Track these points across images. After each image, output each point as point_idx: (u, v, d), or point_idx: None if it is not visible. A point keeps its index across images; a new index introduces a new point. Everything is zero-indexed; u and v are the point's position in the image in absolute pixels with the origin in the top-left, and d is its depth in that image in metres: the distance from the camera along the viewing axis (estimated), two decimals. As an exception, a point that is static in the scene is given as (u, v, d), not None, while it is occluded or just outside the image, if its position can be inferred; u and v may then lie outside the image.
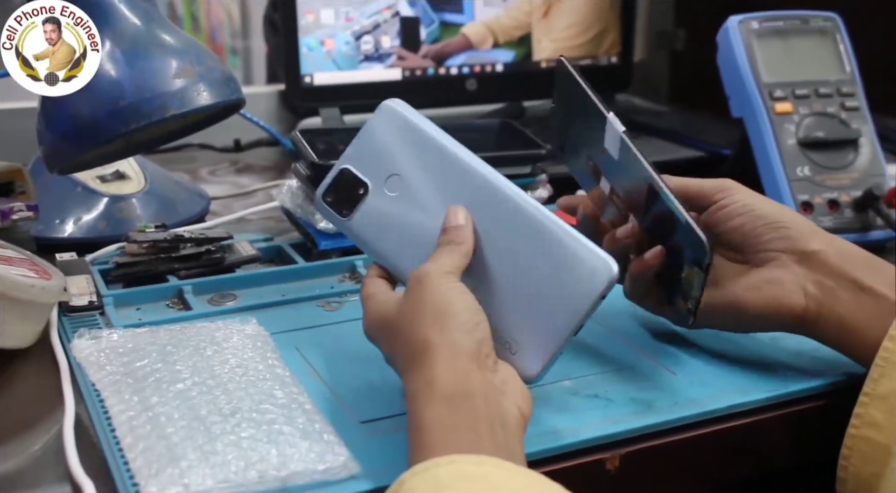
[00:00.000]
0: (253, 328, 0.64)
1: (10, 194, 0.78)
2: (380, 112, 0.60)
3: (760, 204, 0.62)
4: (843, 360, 0.62)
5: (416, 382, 0.49)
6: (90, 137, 0.64)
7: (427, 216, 0.58)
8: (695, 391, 0.60)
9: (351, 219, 0.59)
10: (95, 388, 0.57)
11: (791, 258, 0.60)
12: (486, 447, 0.46)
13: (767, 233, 0.61)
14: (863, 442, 0.56)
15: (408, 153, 0.59)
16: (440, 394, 0.48)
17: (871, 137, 0.92)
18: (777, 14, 0.95)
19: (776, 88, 0.92)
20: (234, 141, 1.17)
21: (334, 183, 0.60)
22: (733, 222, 0.62)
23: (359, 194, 0.59)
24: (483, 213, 0.57)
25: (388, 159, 0.59)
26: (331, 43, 1.15)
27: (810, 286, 0.59)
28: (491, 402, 0.48)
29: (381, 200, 0.59)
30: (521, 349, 0.54)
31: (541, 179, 0.85)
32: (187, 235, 0.76)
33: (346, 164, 0.60)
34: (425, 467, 0.45)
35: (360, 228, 0.59)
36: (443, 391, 0.48)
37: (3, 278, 0.60)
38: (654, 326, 0.68)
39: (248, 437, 0.51)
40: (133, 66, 0.64)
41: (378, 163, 0.59)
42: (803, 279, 0.60)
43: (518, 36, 1.23)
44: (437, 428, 0.47)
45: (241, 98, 0.69)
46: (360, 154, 0.60)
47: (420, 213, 0.58)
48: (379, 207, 0.59)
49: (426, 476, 0.44)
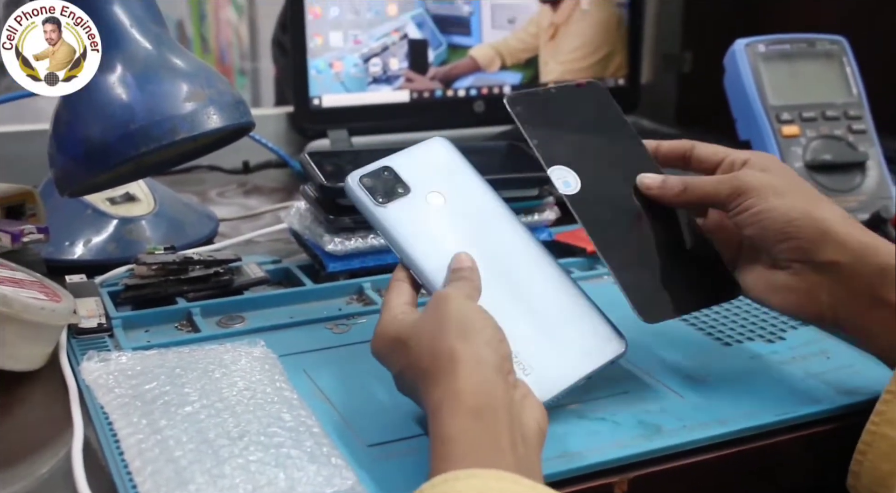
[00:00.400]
0: (261, 351, 0.64)
1: (21, 217, 0.79)
2: (432, 141, 0.64)
3: (771, 209, 0.60)
4: (854, 382, 0.62)
5: (439, 393, 0.49)
6: (101, 160, 0.65)
7: (458, 238, 0.59)
8: (703, 415, 0.60)
9: (386, 208, 0.60)
10: (104, 410, 0.57)
11: (805, 267, 0.60)
12: (508, 461, 0.46)
13: (778, 243, 0.60)
14: (881, 439, 0.56)
15: (452, 181, 0.62)
16: (466, 406, 0.48)
17: (878, 159, 0.92)
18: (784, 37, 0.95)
19: (783, 110, 0.92)
20: (243, 163, 1.17)
21: (375, 173, 0.61)
22: (747, 231, 0.61)
23: (397, 191, 0.61)
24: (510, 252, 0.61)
25: (433, 178, 0.62)
26: (339, 65, 1.15)
27: (825, 296, 0.59)
28: (513, 416, 0.48)
29: (419, 205, 0.60)
30: (533, 374, 0.56)
31: (548, 202, 0.86)
32: (196, 258, 0.77)
33: (392, 164, 0.62)
34: (445, 479, 0.45)
35: (393, 219, 0.60)
36: (468, 403, 0.48)
37: (13, 301, 0.60)
38: (661, 349, 0.68)
39: (256, 460, 0.51)
40: (144, 89, 0.65)
41: (423, 176, 0.62)
42: (817, 289, 0.59)
43: (525, 58, 1.24)
44: (461, 440, 0.47)
45: (251, 121, 0.70)
46: (407, 163, 0.62)
47: (453, 232, 0.60)
48: (415, 210, 0.60)
49: (445, 489, 0.44)
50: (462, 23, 1.20)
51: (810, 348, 0.69)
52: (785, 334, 0.71)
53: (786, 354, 0.68)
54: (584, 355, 0.58)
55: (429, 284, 0.58)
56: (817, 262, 0.59)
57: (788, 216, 0.60)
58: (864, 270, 0.58)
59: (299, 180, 1.02)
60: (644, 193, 0.64)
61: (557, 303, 0.60)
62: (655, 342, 0.68)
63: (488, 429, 0.47)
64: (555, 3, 1.24)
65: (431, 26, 1.19)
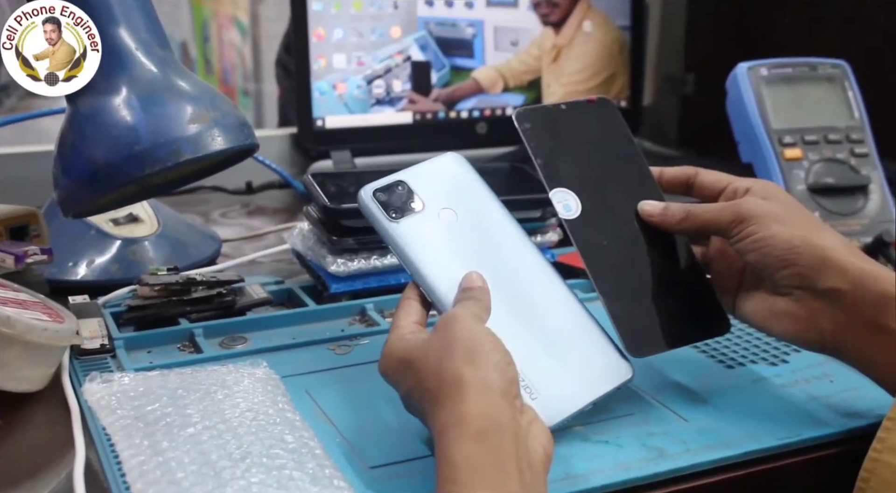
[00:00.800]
0: (263, 372, 0.64)
1: (25, 237, 0.79)
2: (445, 156, 0.64)
3: (772, 236, 0.60)
4: (858, 406, 0.61)
5: (446, 417, 0.49)
6: (105, 181, 0.65)
7: (469, 257, 0.59)
8: (707, 438, 0.59)
9: (399, 223, 0.60)
10: (106, 432, 0.57)
11: (806, 294, 0.60)
12: (513, 486, 0.46)
13: (780, 270, 0.60)
14: (883, 467, 0.56)
15: (465, 198, 0.62)
16: (472, 430, 0.47)
17: (880, 183, 0.93)
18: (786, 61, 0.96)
19: (785, 134, 0.92)
20: (246, 183, 1.17)
21: (388, 188, 0.61)
22: (749, 258, 0.61)
23: (411, 207, 0.60)
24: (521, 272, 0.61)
25: (446, 194, 0.62)
26: (343, 87, 1.16)
27: (826, 323, 0.59)
28: (520, 441, 0.48)
29: (431, 222, 0.60)
30: (540, 398, 0.56)
31: (551, 224, 0.86)
32: (199, 278, 0.77)
33: (406, 178, 0.61)
34: None
35: (405, 236, 0.60)
36: (474, 427, 0.48)
37: (16, 322, 0.60)
38: (665, 372, 0.68)
39: (258, 482, 0.51)
40: (148, 112, 0.65)
41: (436, 192, 0.62)
42: (818, 316, 0.59)
43: (528, 80, 1.25)
44: (467, 465, 0.46)
45: (255, 143, 0.70)
46: (420, 178, 0.62)
47: (464, 250, 0.60)
48: (428, 226, 0.60)
49: None
50: (465, 45, 1.21)
51: (813, 371, 0.68)
52: (788, 356, 0.71)
53: (789, 377, 0.68)
54: (591, 381, 0.58)
55: (439, 302, 0.58)
56: (818, 289, 0.59)
57: (790, 243, 0.60)
58: (865, 297, 0.58)
59: (302, 201, 1.03)
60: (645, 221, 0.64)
61: (566, 325, 0.60)
62: (659, 365, 0.68)
63: (494, 454, 0.47)
64: (557, 25, 1.25)
65: (434, 48, 1.19)
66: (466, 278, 0.58)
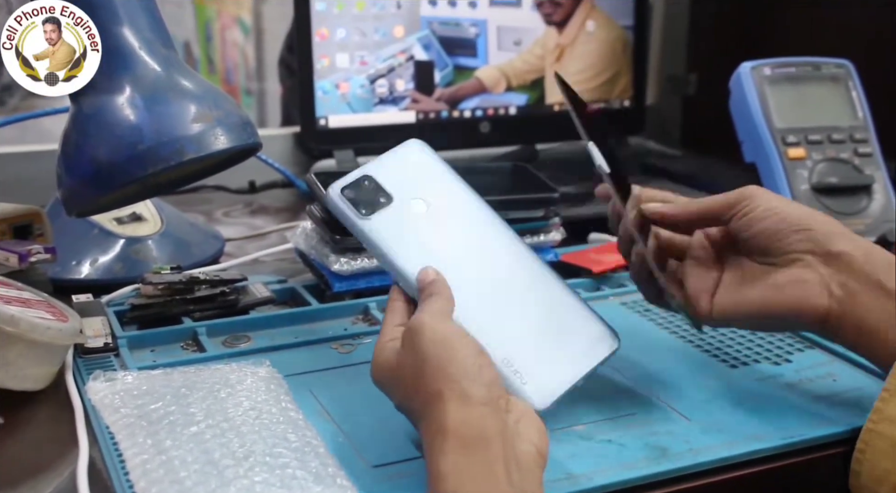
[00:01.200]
0: (266, 371, 0.64)
1: (29, 236, 0.79)
2: (408, 145, 0.62)
3: (784, 207, 0.62)
4: (862, 405, 0.61)
5: (432, 428, 0.49)
6: (109, 180, 0.65)
7: (444, 247, 0.59)
8: (709, 438, 0.59)
9: (370, 220, 0.59)
10: (109, 430, 0.57)
11: (816, 259, 0.60)
12: (502, 489, 0.46)
13: (792, 235, 0.61)
14: (879, 438, 0.56)
15: (433, 186, 0.61)
16: (456, 441, 0.48)
17: (884, 182, 0.93)
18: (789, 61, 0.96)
19: (789, 133, 0.92)
20: (249, 183, 1.17)
21: (355, 184, 0.60)
22: (758, 227, 0.61)
23: (380, 201, 0.60)
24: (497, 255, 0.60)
25: (414, 183, 0.61)
26: (346, 86, 1.16)
27: (835, 287, 0.59)
28: (507, 444, 0.48)
29: (402, 214, 0.60)
30: (531, 381, 0.55)
31: (554, 223, 0.86)
32: (202, 277, 0.77)
33: (371, 173, 0.61)
34: None
35: (377, 231, 0.59)
36: (459, 438, 0.48)
37: (20, 321, 0.60)
38: (667, 371, 0.68)
39: (261, 481, 0.51)
40: (152, 111, 0.65)
41: (404, 182, 0.61)
42: (828, 280, 0.59)
43: (531, 79, 1.25)
44: (453, 475, 0.47)
45: (258, 142, 0.70)
46: (386, 169, 0.61)
47: (438, 240, 0.59)
48: (400, 220, 0.59)
49: None
50: (468, 44, 1.21)
51: (816, 370, 0.68)
52: (791, 356, 0.71)
53: (792, 376, 0.68)
54: (579, 356, 0.58)
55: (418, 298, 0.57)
56: (833, 252, 0.60)
57: (801, 210, 0.62)
58: (876, 260, 0.59)
59: (305, 200, 1.03)
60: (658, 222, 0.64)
61: (548, 304, 0.59)
62: (661, 365, 0.68)
63: (480, 461, 0.47)
64: (561, 25, 1.25)
65: (437, 48, 1.19)
66: (421, 274, 0.57)
